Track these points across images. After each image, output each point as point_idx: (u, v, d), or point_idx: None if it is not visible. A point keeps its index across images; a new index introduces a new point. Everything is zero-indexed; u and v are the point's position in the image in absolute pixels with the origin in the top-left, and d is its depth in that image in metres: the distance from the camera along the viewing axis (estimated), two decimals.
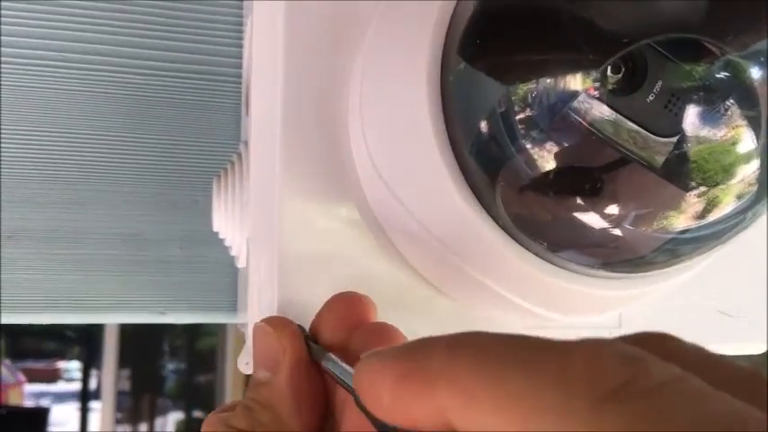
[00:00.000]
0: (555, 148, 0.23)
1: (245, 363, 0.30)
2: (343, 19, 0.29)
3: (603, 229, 0.24)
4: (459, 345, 0.14)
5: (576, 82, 0.23)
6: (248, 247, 0.31)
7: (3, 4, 0.33)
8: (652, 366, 0.12)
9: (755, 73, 0.23)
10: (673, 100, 0.22)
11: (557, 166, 0.23)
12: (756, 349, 0.35)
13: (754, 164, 0.24)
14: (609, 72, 0.23)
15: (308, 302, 0.26)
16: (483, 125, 0.24)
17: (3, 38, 0.33)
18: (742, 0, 0.23)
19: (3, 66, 0.33)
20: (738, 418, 0.11)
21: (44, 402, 2.31)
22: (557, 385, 0.12)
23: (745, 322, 0.34)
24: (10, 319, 0.32)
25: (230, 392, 1.19)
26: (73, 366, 2.49)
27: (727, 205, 0.25)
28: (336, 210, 0.29)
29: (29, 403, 2.21)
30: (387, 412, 0.14)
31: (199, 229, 0.35)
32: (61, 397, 2.36)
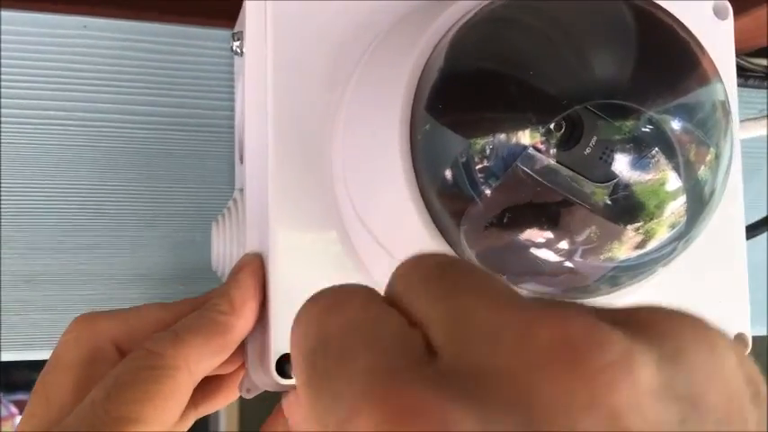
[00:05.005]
0: (508, 194, 0.27)
1: (245, 389, 0.33)
2: (327, 76, 0.33)
3: (553, 262, 0.28)
4: None
5: (524, 137, 0.26)
6: None
7: (37, 71, 0.37)
8: None
9: (675, 124, 0.27)
10: (606, 152, 0.26)
11: (510, 210, 0.27)
12: None
13: (681, 200, 0.28)
14: (552, 129, 0.26)
15: None
16: (447, 173, 0.28)
17: (26, 102, 0.37)
18: (659, 67, 0.27)
19: (20, 126, 0.37)
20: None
21: None
22: None
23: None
24: (30, 356, 0.35)
25: (224, 423, 1.21)
26: None
27: (662, 236, 0.29)
28: (321, 243, 0.33)
29: None
30: None
31: (198, 266, 0.38)
32: None
